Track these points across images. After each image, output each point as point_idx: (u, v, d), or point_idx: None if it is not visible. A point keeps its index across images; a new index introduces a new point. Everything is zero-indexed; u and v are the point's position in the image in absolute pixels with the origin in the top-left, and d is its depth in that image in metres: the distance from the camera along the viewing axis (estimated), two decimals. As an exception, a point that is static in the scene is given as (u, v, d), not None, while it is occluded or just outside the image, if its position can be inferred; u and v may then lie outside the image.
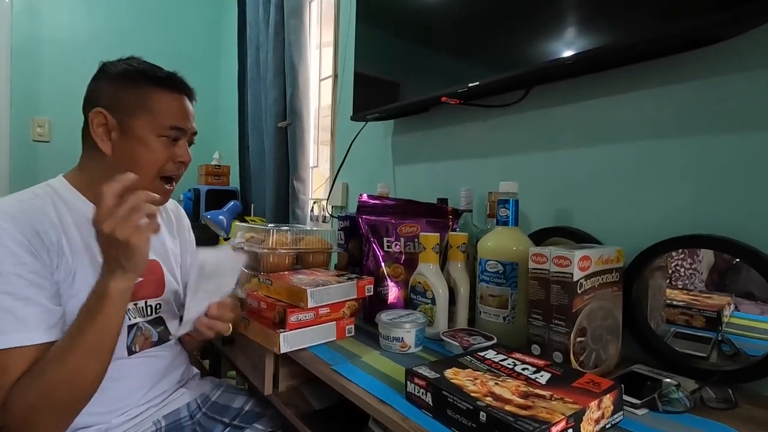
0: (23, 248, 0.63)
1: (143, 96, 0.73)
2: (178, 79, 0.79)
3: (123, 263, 0.60)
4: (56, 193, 0.73)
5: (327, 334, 0.81)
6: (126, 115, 0.73)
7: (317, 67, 1.93)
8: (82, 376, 0.62)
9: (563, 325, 0.66)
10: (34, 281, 0.63)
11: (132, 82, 0.74)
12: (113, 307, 0.62)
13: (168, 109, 0.75)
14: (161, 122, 0.74)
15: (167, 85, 0.76)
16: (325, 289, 0.80)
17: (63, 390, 0.61)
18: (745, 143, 0.69)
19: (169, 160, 0.76)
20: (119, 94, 0.73)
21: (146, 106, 0.73)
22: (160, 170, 0.76)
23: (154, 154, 0.74)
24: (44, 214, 0.68)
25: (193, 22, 2.67)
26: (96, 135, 0.73)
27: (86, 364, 0.62)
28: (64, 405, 0.62)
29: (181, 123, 0.76)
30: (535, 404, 0.48)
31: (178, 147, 0.77)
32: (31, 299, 0.63)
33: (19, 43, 2.17)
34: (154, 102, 0.74)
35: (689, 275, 0.74)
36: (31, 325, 0.62)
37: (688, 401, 0.58)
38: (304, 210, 1.81)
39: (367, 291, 0.87)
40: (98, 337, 0.62)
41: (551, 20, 0.82)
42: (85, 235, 0.72)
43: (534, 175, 0.98)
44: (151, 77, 0.75)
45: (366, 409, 0.59)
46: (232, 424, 0.84)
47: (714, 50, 0.70)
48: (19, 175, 2.17)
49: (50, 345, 0.63)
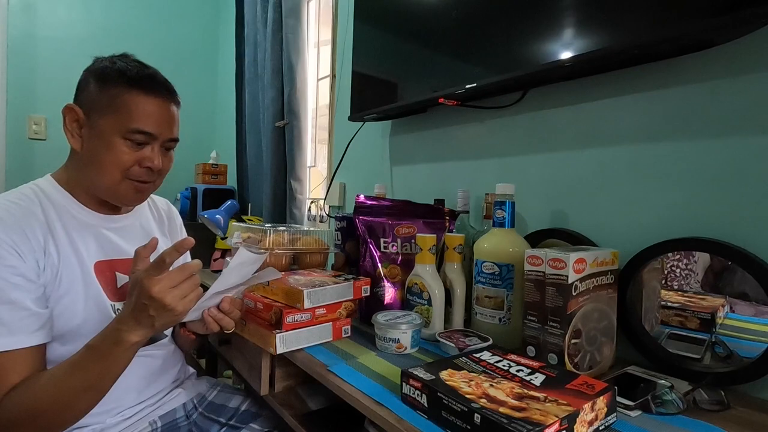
0: (9, 251, 0.63)
1: (113, 95, 0.70)
2: (158, 81, 0.74)
3: (154, 322, 0.61)
4: (43, 192, 0.72)
5: (323, 334, 0.81)
6: (95, 113, 0.71)
7: (315, 66, 1.92)
8: (73, 408, 0.63)
9: (558, 327, 0.66)
10: (19, 284, 0.63)
11: (107, 80, 0.71)
12: (124, 357, 0.63)
13: (135, 110, 0.71)
14: (126, 124, 0.70)
15: (140, 86, 0.71)
16: (321, 289, 0.80)
17: (50, 416, 0.61)
18: (738, 147, 0.69)
19: (134, 164, 0.72)
20: (93, 91, 0.72)
21: (113, 106, 0.70)
22: (124, 172, 0.72)
23: (115, 156, 0.70)
24: (31, 215, 0.68)
25: (191, 20, 2.66)
26: (67, 130, 0.72)
27: (81, 399, 0.63)
28: (47, 428, 0.63)
29: (150, 127, 0.71)
30: (530, 406, 0.49)
31: (146, 151, 0.73)
32: (16, 303, 0.62)
33: (15, 41, 2.16)
34: (122, 102, 0.70)
35: (685, 276, 0.75)
36: (16, 329, 0.62)
37: (681, 403, 0.58)
38: (302, 210, 1.81)
39: (363, 292, 0.87)
40: (100, 378, 0.63)
41: (548, 23, 0.82)
42: (72, 235, 0.72)
43: (530, 177, 0.99)
44: (126, 77, 0.71)
45: (361, 410, 0.59)
46: (229, 424, 0.84)
47: (709, 54, 0.71)
48: (15, 173, 2.16)
49: (36, 348, 0.64)
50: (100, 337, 0.62)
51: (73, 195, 0.74)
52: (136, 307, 0.60)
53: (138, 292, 0.59)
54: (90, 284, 0.72)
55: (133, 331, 0.61)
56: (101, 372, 0.62)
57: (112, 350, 0.61)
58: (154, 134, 0.73)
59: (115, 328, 0.61)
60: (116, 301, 0.75)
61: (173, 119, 0.76)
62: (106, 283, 0.74)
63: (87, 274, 0.72)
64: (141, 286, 0.59)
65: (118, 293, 0.76)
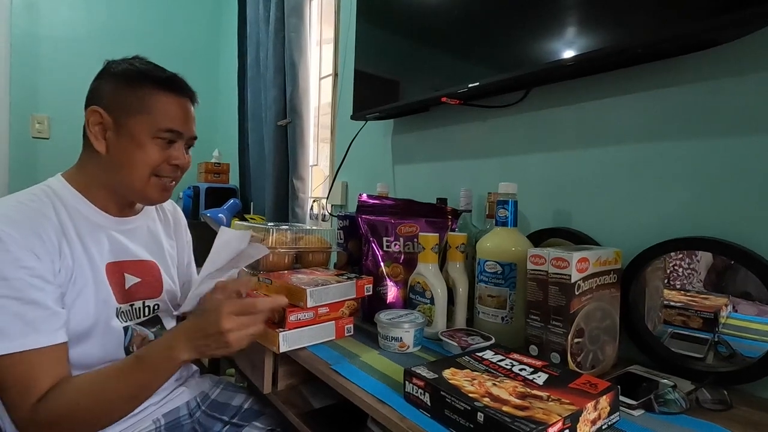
0: (26, 252, 0.63)
1: (141, 96, 0.72)
2: (180, 81, 0.77)
3: (207, 351, 0.64)
4: (55, 194, 0.72)
5: (326, 333, 0.81)
6: (122, 115, 0.72)
7: (317, 65, 1.92)
8: (111, 415, 0.66)
9: (561, 326, 0.66)
10: (38, 285, 0.63)
11: (131, 82, 0.73)
12: (169, 372, 0.66)
13: (165, 110, 0.73)
14: (157, 124, 0.72)
15: (167, 86, 0.74)
16: (324, 288, 0.81)
17: (88, 420, 0.64)
18: (741, 146, 0.69)
19: (163, 162, 0.75)
20: (118, 93, 0.73)
21: (143, 107, 0.72)
22: (153, 171, 0.74)
23: (147, 155, 0.73)
24: (44, 217, 0.68)
25: (193, 19, 2.66)
26: (91, 133, 0.73)
27: (120, 406, 0.66)
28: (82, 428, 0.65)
29: (178, 126, 0.75)
30: (532, 405, 0.49)
31: (173, 149, 0.76)
32: (38, 303, 0.63)
33: (19, 40, 2.17)
34: (152, 103, 0.73)
35: (687, 275, 0.75)
36: (42, 329, 0.62)
37: (684, 402, 0.58)
38: (304, 208, 1.82)
39: (366, 291, 0.87)
40: (142, 388, 0.66)
41: (551, 22, 0.82)
42: (84, 236, 0.72)
43: (533, 176, 0.99)
44: (152, 78, 0.74)
45: (364, 408, 0.60)
46: (232, 422, 0.85)
47: (711, 54, 0.70)
48: (19, 172, 2.17)
49: (62, 347, 0.65)
50: (152, 350, 0.65)
51: (85, 196, 0.75)
52: (201, 334, 0.63)
53: (213, 322, 0.62)
54: (101, 286, 0.72)
55: (187, 352, 0.64)
56: (145, 383, 0.65)
57: (162, 365, 0.65)
58: (182, 132, 0.76)
59: (169, 346, 0.64)
60: (122, 303, 0.75)
61: (194, 118, 0.80)
62: (115, 285, 0.75)
63: (98, 275, 0.72)
64: (218, 319, 0.62)
65: (126, 295, 0.77)
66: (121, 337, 0.75)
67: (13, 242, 0.62)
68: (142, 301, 0.80)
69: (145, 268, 0.81)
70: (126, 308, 0.76)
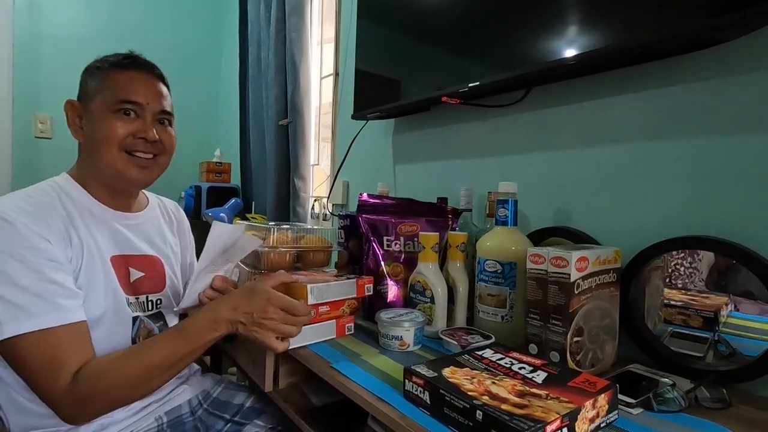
0: (41, 239, 0.65)
1: (100, 78, 0.76)
2: (135, 57, 0.79)
3: (241, 329, 0.68)
4: (61, 188, 0.75)
5: (327, 332, 0.82)
6: (88, 100, 0.76)
7: (318, 64, 1.93)
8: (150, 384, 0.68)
9: (560, 325, 0.66)
10: (56, 267, 0.65)
11: (96, 70, 0.77)
12: (209, 341, 0.68)
13: (118, 84, 0.75)
14: (112, 97, 0.74)
15: (122, 65, 0.77)
16: (325, 285, 0.81)
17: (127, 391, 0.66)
18: (743, 145, 0.69)
19: (128, 136, 0.75)
20: (84, 82, 0.78)
21: (101, 87, 0.75)
22: (121, 145, 0.75)
23: (109, 128, 0.73)
24: (52, 208, 0.70)
25: (195, 19, 2.67)
26: (70, 125, 0.77)
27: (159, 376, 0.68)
28: (120, 402, 0.68)
29: (132, 95, 0.75)
30: (531, 403, 0.49)
31: (137, 122, 0.76)
32: (58, 282, 0.65)
33: (21, 40, 2.17)
34: (108, 81, 0.75)
35: (689, 274, 0.75)
36: (63, 306, 0.64)
37: (683, 401, 0.59)
38: (305, 208, 1.82)
39: (366, 290, 0.87)
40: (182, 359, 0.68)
41: (552, 21, 0.82)
42: (90, 228, 0.74)
43: (533, 176, 0.99)
44: (109, 61, 0.77)
45: (365, 406, 0.60)
46: (233, 420, 0.85)
47: (712, 53, 0.70)
48: (22, 172, 2.18)
49: (82, 324, 0.66)
50: (195, 320, 0.68)
51: (87, 190, 0.77)
52: (243, 310, 0.68)
53: (259, 306, 0.67)
54: (109, 276, 0.74)
55: (226, 325, 0.68)
56: (186, 351, 0.67)
57: (204, 334, 0.67)
58: (141, 103, 0.76)
59: (214, 317, 0.68)
60: (130, 295, 0.77)
61: (160, 93, 0.80)
62: (121, 277, 0.76)
63: (105, 266, 0.74)
64: (265, 305, 0.67)
65: (132, 287, 0.78)
66: (129, 327, 0.76)
67: (27, 229, 0.64)
68: (146, 296, 0.81)
69: (149, 263, 0.82)
70: (133, 300, 0.78)
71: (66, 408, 0.63)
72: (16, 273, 0.61)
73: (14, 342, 0.61)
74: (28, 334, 0.61)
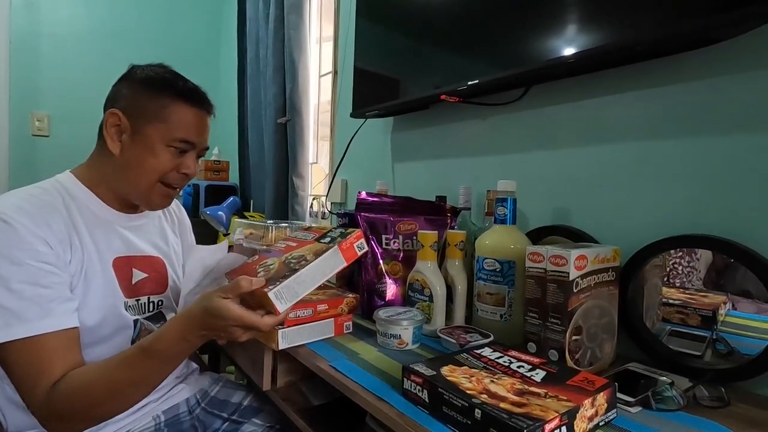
0: (40, 241, 0.64)
1: (160, 105, 0.73)
2: (201, 93, 0.78)
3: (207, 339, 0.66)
4: (65, 189, 0.74)
5: (325, 330, 0.82)
6: (140, 120, 0.73)
7: (317, 62, 1.92)
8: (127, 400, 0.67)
9: (559, 324, 0.66)
10: (52, 271, 0.65)
11: (153, 89, 0.74)
12: (185, 355, 0.67)
13: (182, 121, 0.74)
14: (173, 133, 0.74)
15: (187, 97, 0.75)
16: (294, 278, 0.64)
17: (105, 407, 0.65)
18: (742, 144, 0.69)
19: (173, 170, 0.76)
20: (138, 99, 0.74)
21: (161, 115, 0.73)
22: (162, 177, 0.76)
23: (158, 161, 0.74)
24: (54, 209, 0.69)
25: (193, 16, 2.66)
26: (108, 134, 0.74)
27: (132, 392, 0.66)
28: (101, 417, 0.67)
29: (193, 137, 0.76)
30: (530, 402, 0.49)
31: (185, 158, 0.77)
32: (53, 287, 0.64)
33: (18, 38, 2.16)
34: (171, 112, 0.74)
35: (687, 273, 0.75)
36: (54, 312, 0.63)
37: (681, 399, 0.59)
38: (304, 206, 1.82)
39: (358, 249, 0.71)
40: (151, 374, 0.66)
41: (552, 19, 0.82)
42: (93, 230, 0.73)
43: (532, 174, 0.99)
44: (173, 87, 0.75)
45: (363, 405, 0.60)
46: (231, 419, 0.85)
47: (712, 51, 0.70)
48: (19, 170, 2.17)
49: (72, 331, 0.65)
50: (157, 343, 0.64)
51: (94, 193, 0.76)
52: (209, 331, 0.64)
53: (221, 327, 0.63)
54: (108, 279, 0.74)
55: (197, 337, 0.65)
56: (155, 368, 0.66)
57: (174, 349, 0.65)
58: (196, 144, 0.77)
59: (183, 337, 0.64)
60: (129, 298, 0.77)
61: (208, 129, 0.81)
62: (121, 279, 0.76)
63: (106, 269, 0.74)
64: (226, 326, 0.63)
65: (132, 290, 0.78)
66: (130, 330, 0.76)
67: (26, 230, 0.63)
68: (147, 297, 0.81)
69: (152, 264, 0.82)
70: (132, 303, 0.77)
71: (43, 421, 0.63)
72: (11, 276, 0.61)
73: (4, 347, 0.60)
74: (17, 340, 0.60)
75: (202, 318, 0.64)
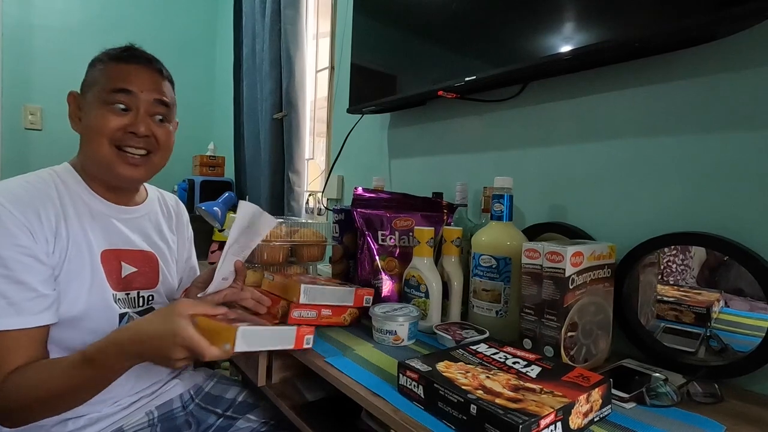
0: (23, 230, 0.64)
1: (99, 71, 0.75)
2: (133, 49, 0.78)
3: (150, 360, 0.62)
4: (59, 177, 0.74)
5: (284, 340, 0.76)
6: (87, 94, 0.75)
7: (314, 58, 1.91)
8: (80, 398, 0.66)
9: (554, 320, 0.66)
10: (30, 265, 0.64)
11: (95, 62, 0.76)
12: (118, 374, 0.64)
13: (111, 74, 0.74)
14: (105, 88, 0.73)
15: (120, 57, 0.75)
16: (320, 288, 0.80)
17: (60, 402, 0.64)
18: (737, 142, 0.69)
19: (119, 130, 0.73)
20: (86, 75, 0.77)
21: (98, 79, 0.74)
22: (111, 139, 0.72)
23: (100, 122, 0.72)
24: (47, 197, 0.69)
25: (189, 11, 2.63)
26: (70, 117, 0.77)
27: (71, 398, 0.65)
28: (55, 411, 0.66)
29: (121, 84, 0.73)
30: (525, 397, 0.49)
31: (129, 116, 0.73)
32: (26, 284, 0.63)
33: (11, 30, 2.13)
34: (102, 73, 0.75)
35: (681, 271, 0.75)
36: (23, 310, 0.63)
37: (675, 395, 0.59)
38: (300, 202, 1.81)
39: (365, 302, 0.86)
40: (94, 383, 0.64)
41: (549, 16, 0.82)
42: (83, 221, 0.73)
43: (529, 171, 0.99)
44: (108, 53, 0.76)
45: (358, 401, 0.60)
46: (225, 414, 0.85)
47: (709, 48, 0.70)
48: (11, 164, 2.14)
49: (40, 330, 0.65)
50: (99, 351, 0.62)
51: (86, 182, 0.76)
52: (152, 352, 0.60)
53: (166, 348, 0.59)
54: (96, 271, 0.73)
55: (135, 360, 0.62)
56: (96, 378, 0.64)
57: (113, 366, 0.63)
58: (134, 91, 0.73)
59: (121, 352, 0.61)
60: (118, 291, 0.76)
61: (157, 82, 0.77)
62: (110, 272, 0.75)
63: (94, 261, 0.73)
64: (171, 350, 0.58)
65: (121, 283, 0.77)
66: (115, 323, 0.74)
67: (9, 218, 0.63)
68: (137, 291, 0.79)
69: (143, 259, 0.81)
70: (122, 296, 0.76)
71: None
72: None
73: None
74: None
75: (148, 342, 0.60)
